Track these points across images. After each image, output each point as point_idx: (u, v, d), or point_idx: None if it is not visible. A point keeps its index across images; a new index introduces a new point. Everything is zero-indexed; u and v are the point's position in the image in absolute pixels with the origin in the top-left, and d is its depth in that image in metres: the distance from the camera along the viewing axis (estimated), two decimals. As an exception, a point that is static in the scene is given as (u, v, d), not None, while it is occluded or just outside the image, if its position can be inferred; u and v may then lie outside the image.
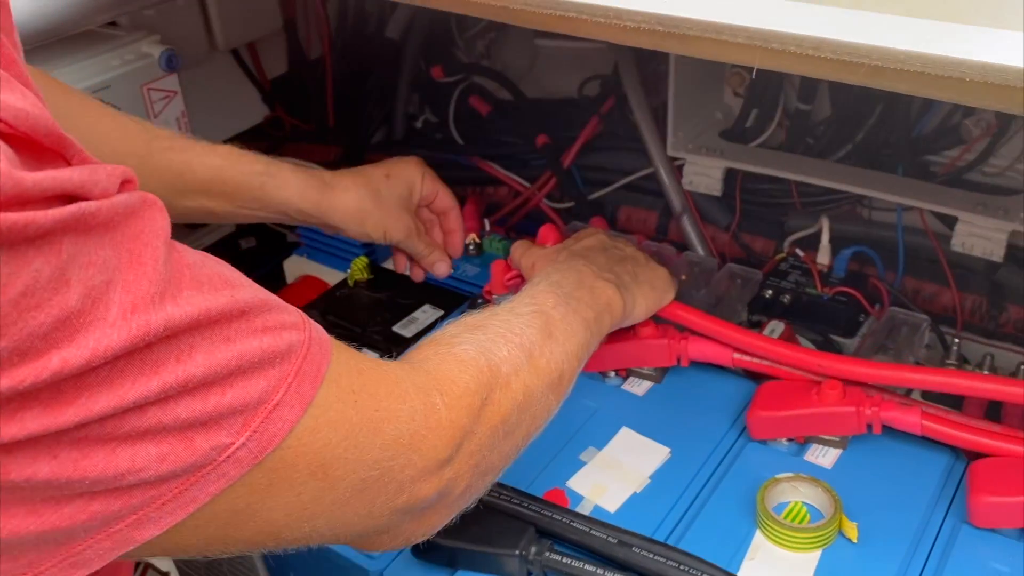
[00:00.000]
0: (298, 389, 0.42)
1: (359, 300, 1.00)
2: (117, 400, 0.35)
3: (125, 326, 0.35)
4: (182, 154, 0.79)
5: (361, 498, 0.47)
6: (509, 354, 0.58)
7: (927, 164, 1.00)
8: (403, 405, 0.49)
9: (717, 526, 0.69)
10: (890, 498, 0.69)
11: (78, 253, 0.34)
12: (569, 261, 0.74)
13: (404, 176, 0.90)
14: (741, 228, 1.08)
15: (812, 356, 0.75)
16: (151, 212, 0.38)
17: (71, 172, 0.34)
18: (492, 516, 0.68)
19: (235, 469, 0.40)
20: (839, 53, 0.43)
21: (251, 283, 0.43)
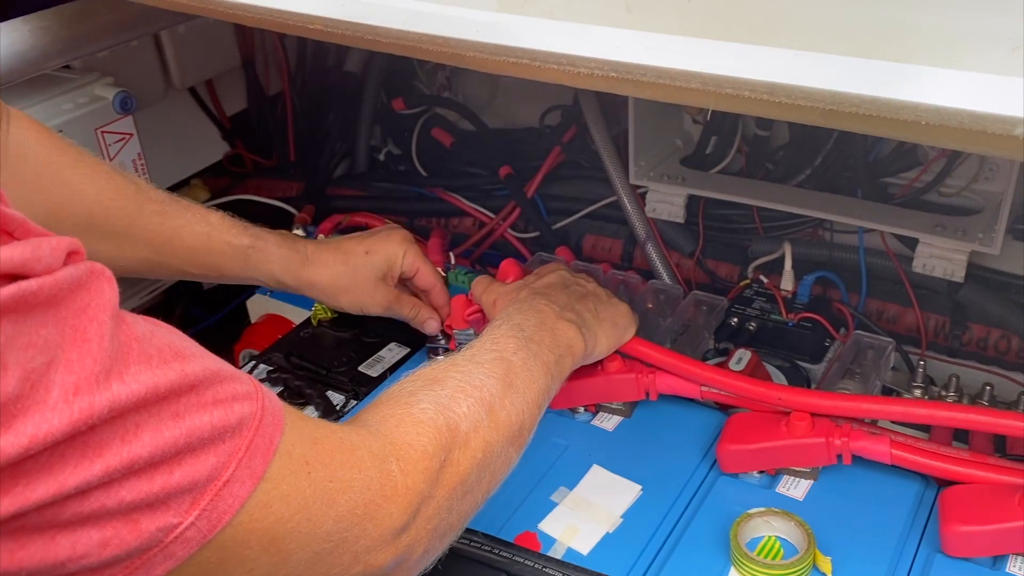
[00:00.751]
0: (249, 463, 0.41)
1: (323, 340, 0.99)
2: (57, 487, 0.34)
3: (67, 409, 0.34)
4: (172, 220, 0.81)
5: (314, 571, 0.46)
6: (469, 410, 0.57)
7: (885, 186, 1.01)
8: (358, 474, 0.48)
9: (691, 564, 0.68)
10: (863, 529, 0.69)
11: (16, 335, 0.33)
12: (530, 300, 0.74)
13: (384, 252, 0.90)
14: (705, 254, 1.08)
15: (772, 390, 0.75)
16: (98, 284, 0.37)
17: (11, 250, 0.33)
18: (462, 564, 0.67)
19: (183, 550, 0.39)
20: (792, 97, 0.43)
21: (203, 352, 0.42)
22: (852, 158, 1.00)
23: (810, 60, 0.44)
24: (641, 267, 1.12)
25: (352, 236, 0.92)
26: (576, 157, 1.16)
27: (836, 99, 0.42)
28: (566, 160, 1.17)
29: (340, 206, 1.25)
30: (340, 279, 0.88)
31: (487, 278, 0.85)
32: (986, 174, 0.97)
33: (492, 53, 0.51)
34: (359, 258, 0.88)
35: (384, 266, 0.90)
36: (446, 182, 1.23)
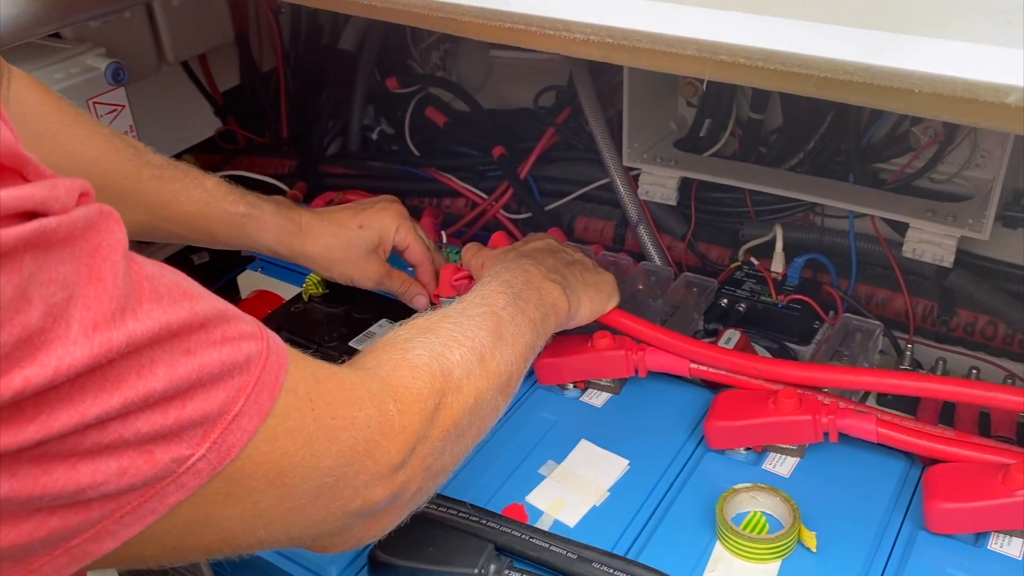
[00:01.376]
0: (257, 399, 0.42)
1: (314, 315, 0.99)
2: (79, 417, 0.35)
3: (87, 343, 0.35)
4: (170, 184, 0.81)
5: (317, 504, 0.47)
6: (461, 358, 0.58)
7: (877, 172, 1.02)
8: (359, 413, 0.49)
9: (677, 538, 0.68)
10: (848, 505, 0.69)
11: (39, 270, 0.34)
12: (518, 261, 0.75)
13: (378, 227, 0.90)
14: (696, 237, 1.09)
15: (750, 361, 0.76)
16: (108, 224, 0.38)
17: (32, 189, 0.34)
18: (450, 534, 0.67)
19: (194, 480, 0.40)
20: (788, 65, 0.43)
21: (208, 293, 0.42)
22: (845, 143, 1.00)
23: (805, 28, 0.44)
24: (633, 249, 1.12)
25: (347, 207, 0.92)
26: (570, 138, 1.16)
27: (831, 67, 0.42)
28: (560, 141, 1.17)
29: (332, 184, 1.25)
30: (333, 251, 0.88)
31: (477, 244, 0.86)
32: (977, 161, 0.97)
33: (488, 18, 0.51)
34: (352, 231, 0.89)
35: (376, 240, 0.90)
36: (439, 162, 1.23)
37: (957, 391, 0.69)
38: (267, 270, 1.13)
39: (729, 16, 0.46)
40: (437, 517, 0.68)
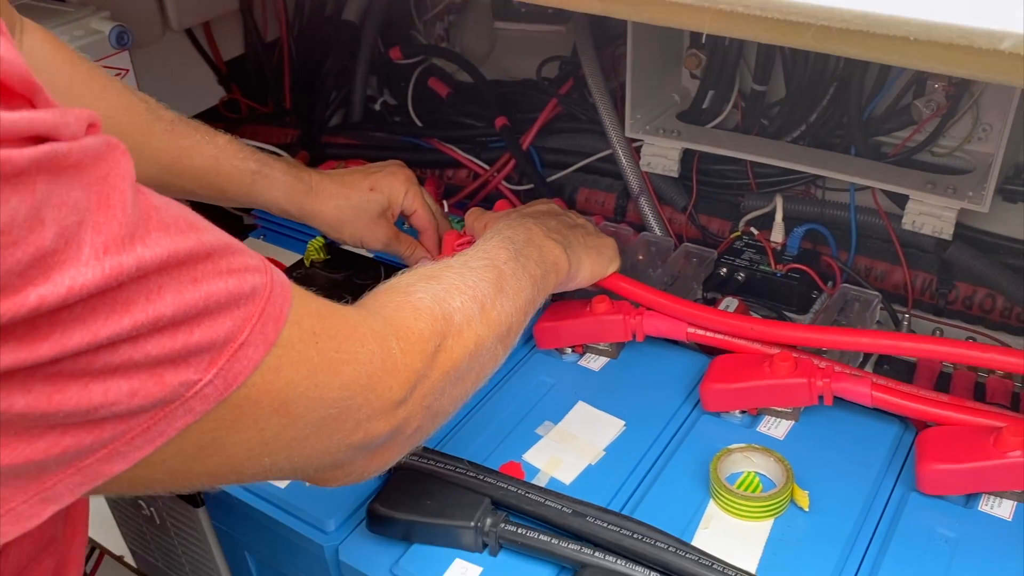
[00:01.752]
0: (262, 329, 0.43)
1: (316, 280, 1.00)
2: (90, 336, 0.36)
3: (98, 266, 0.35)
4: (181, 140, 0.81)
5: (320, 434, 0.48)
6: (462, 305, 0.59)
7: (879, 145, 1.02)
8: (362, 348, 0.50)
9: (671, 496, 0.69)
10: (841, 467, 0.70)
11: (51, 193, 0.34)
12: (520, 220, 0.76)
13: (387, 190, 0.91)
14: (698, 209, 1.09)
15: (745, 321, 0.77)
16: (115, 155, 0.38)
17: (43, 114, 0.34)
18: (448, 489, 0.68)
19: (202, 405, 0.41)
20: (785, 13, 0.44)
21: (213, 226, 0.43)
22: (847, 116, 1.00)
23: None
24: (634, 221, 1.12)
25: (357, 170, 0.93)
26: (572, 110, 1.16)
27: (828, 15, 0.43)
28: (562, 113, 1.17)
29: (335, 154, 1.25)
30: (344, 212, 0.89)
31: (479, 208, 0.86)
32: (979, 135, 0.97)
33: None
34: (363, 194, 0.90)
35: (386, 203, 0.91)
36: (441, 133, 1.23)
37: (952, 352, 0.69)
38: (269, 238, 1.13)
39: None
40: (436, 472, 0.69)
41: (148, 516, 0.91)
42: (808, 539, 0.65)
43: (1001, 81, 0.42)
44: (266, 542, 0.76)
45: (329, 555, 0.70)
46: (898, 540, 0.65)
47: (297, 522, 0.71)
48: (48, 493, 0.39)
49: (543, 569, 0.65)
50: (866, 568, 0.64)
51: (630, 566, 0.61)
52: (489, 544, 0.66)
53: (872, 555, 0.65)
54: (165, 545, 0.92)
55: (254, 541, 0.78)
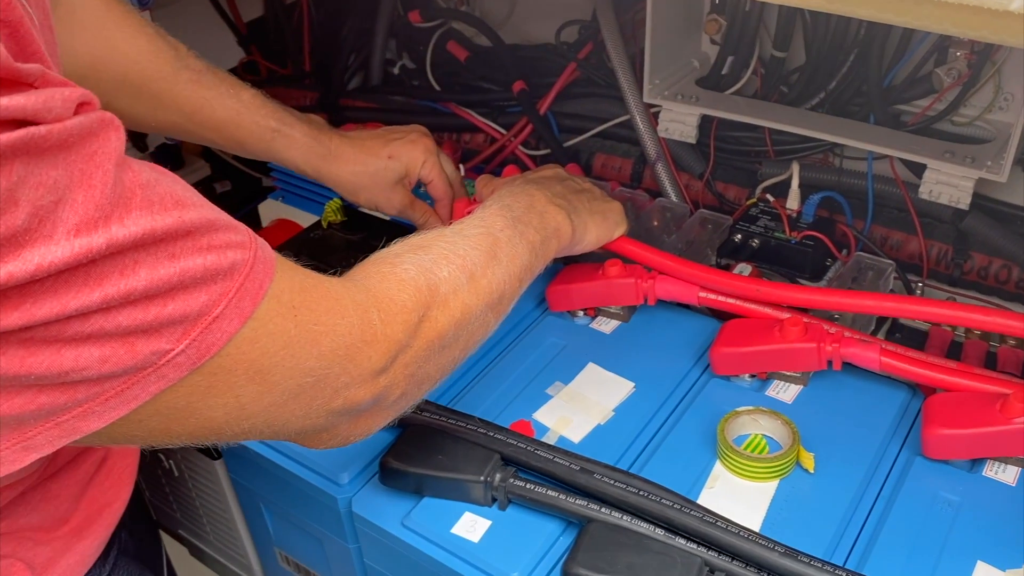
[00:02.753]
0: (238, 304, 0.45)
1: (332, 242, 1.01)
2: (60, 307, 0.38)
3: (68, 245, 0.37)
4: (206, 91, 0.83)
5: (298, 401, 0.50)
6: (449, 275, 0.60)
7: (898, 113, 1.01)
8: (341, 320, 0.51)
9: (678, 457, 0.70)
10: (848, 432, 0.71)
11: (27, 175, 0.36)
12: (523, 186, 0.77)
13: (406, 159, 0.92)
14: (715, 176, 1.09)
15: (751, 283, 0.78)
16: (106, 132, 0.40)
17: (25, 99, 0.36)
18: (459, 445, 0.69)
19: (174, 372, 0.43)
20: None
21: (203, 202, 0.45)
22: (867, 84, 1.00)
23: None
24: (650, 187, 1.12)
25: (377, 135, 0.93)
26: (591, 74, 1.15)
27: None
28: (580, 77, 1.16)
29: (353, 117, 1.25)
30: (360, 178, 0.90)
31: (489, 175, 0.87)
32: (1000, 104, 0.96)
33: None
34: (381, 161, 0.91)
35: (403, 172, 0.92)
36: (459, 97, 1.23)
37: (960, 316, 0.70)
38: (288, 199, 1.15)
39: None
40: (447, 428, 0.70)
41: (167, 469, 0.94)
42: (812, 500, 0.66)
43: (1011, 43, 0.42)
44: (281, 494, 0.77)
45: (343, 507, 0.71)
46: (901, 503, 0.65)
47: (312, 475, 0.73)
48: (29, 443, 0.42)
49: (550, 523, 0.66)
50: (868, 529, 0.65)
51: (635, 522, 0.63)
52: (498, 498, 0.68)
53: (875, 517, 0.65)
54: (183, 497, 0.94)
55: (270, 493, 0.80)
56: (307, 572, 0.85)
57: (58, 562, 0.64)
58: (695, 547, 0.61)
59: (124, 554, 0.74)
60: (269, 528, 0.84)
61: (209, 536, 0.97)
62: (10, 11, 0.39)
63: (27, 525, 0.63)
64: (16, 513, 0.63)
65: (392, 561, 0.70)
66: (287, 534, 0.83)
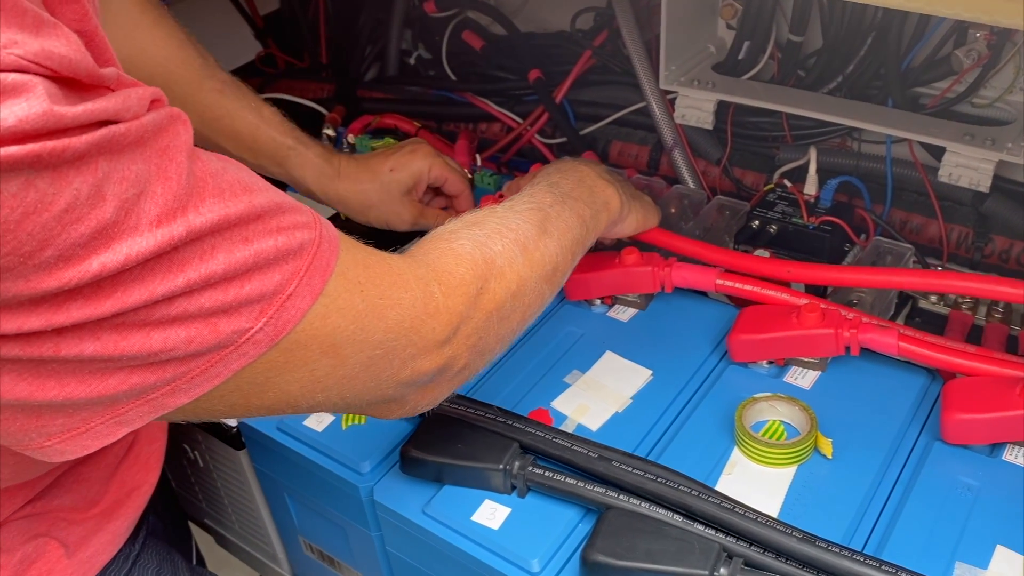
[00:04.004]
0: (309, 281, 0.47)
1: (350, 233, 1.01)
2: (148, 294, 0.41)
3: (152, 235, 0.40)
4: (229, 101, 0.86)
5: (368, 373, 0.52)
6: (504, 248, 0.62)
7: (917, 96, 1.00)
8: (405, 294, 0.54)
9: (696, 443, 0.71)
10: (866, 417, 0.71)
11: (112, 171, 0.39)
12: (571, 162, 0.78)
13: (409, 169, 0.94)
14: (732, 162, 1.08)
15: (781, 265, 0.79)
16: (175, 127, 0.43)
17: (106, 102, 0.39)
18: (478, 433, 0.70)
19: (254, 349, 0.45)
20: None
21: (268, 186, 0.47)
22: (885, 67, 0.99)
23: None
24: (667, 174, 1.12)
25: (378, 153, 0.95)
26: (607, 61, 1.15)
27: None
28: (596, 65, 1.16)
29: (370, 108, 1.26)
30: (368, 195, 0.92)
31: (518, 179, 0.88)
32: (1021, 84, 0.95)
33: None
34: (385, 175, 0.92)
35: (410, 181, 0.94)
36: (475, 86, 1.24)
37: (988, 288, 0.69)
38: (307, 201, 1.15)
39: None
40: (466, 417, 0.71)
41: (192, 459, 0.95)
42: (830, 486, 0.66)
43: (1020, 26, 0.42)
44: (304, 483, 0.79)
45: (364, 496, 0.72)
46: (920, 488, 0.65)
47: (334, 464, 0.74)
48: (122, 418, 0.45)
49: (569, 510, 0.67)
50: (887, 515, 0.65)
51: (653, 508, 0.63)
52: (517, 486, 0.68)
53: (894, 502, 0.65)
54: (208, 486, 0.96)
55: (293, 482, 0.81)
56: (331, 559, 0.86)
57: (90, 541, 0.67)
58: (713, 533, 0.61)
59: (153, 535, 0.77)
60: (293, 516, 0.85)
61: (234, 525, 0.98)
62: (87, 22, 0.43)
63: (60, 506, 0.66)
64: (50, 495, 0.66)
65: (414, 548, 0.71)
66: (311, 522, 0.84)
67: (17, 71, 0.36)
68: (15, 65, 0.36)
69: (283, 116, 0.90)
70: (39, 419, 0.43)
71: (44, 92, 0.36)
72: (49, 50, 0.37)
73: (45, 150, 0.36)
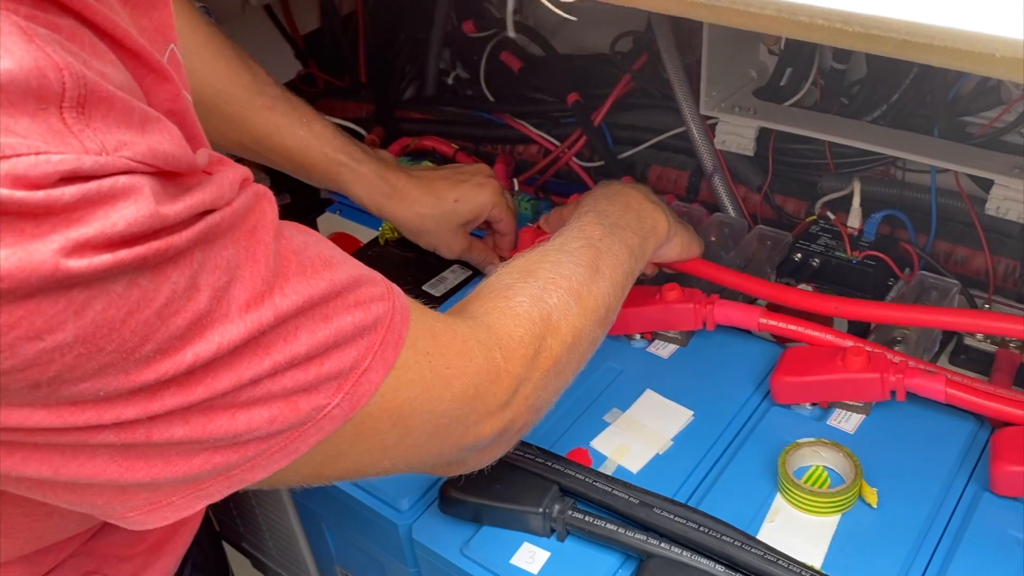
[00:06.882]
0: (383, 355, 0.48)
1: (390, 259, 1.02)
2: (236, 379, 0.42)
3: (242, 322, 0.41)
4: (279, 117, 0.86)
5: (433, 441, 0.54)
6: (559, 301, 0.63)
7: (963, 125, 0.99)
8: (470, 363, 0.55)
9: (738, 489, 0.70)
10: (912, 464, 0.70)
11: (207, 259, 0.40)
12: (618, 186, 0.78)
13: (474, 204, 0.92)
14: (773, 189, 1.07)
15: (829, 300, 0.78)
16: (262, 205, 0.44)
17: (202, 194, 0.40)
18: (517, 474, 0.69)
19: (330, 424, 0.46)
20: (867, 27, 0.43)
21: (345, 257, 0.48)
22: (930, 95, 0.97)
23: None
24: (707, 200, 1.11)
25: (444, 175, 0.93)
26: (646, 85, 1.14)
27: (912, 30, 0.42)
28: (635, 88, 1.15)
29: (408, 129, 1.26)
30: (424, 221, 0.91)
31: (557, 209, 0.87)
32: (1072, 115, 0.93)
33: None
34: (447, 205, 0.91)
35: (470, 216, 0.93)
36: (513, 108, 1.23)
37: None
38: (345, 213, 1.16)
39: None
40: (506, 458, 0.70)
41: (232, 483, 0.96)
42: (876, 536, 0.65)
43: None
44: (343, 517, 0.79)
45: (403, 533, 0.73)
46: (968, 540, 0.64)
47: (373, 500, 0.74)
48: (202, 492, 0.46)
49: (609, 556, 0.66)
50: (934, 568, 0.64)
51: (695, 558, 0.63)
52: (556, 530, 0.68)
53: (941, 554, 0.64)
54: (247, 513, 0.97)
55: (332, 516, 0.81)
56: (368, 589, 0.87)
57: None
58: (756, 584, 0.61)
59: (197, 570, 0.77)
60: (331, 547, 0.86)
61: (271, 551, 0.99)
62: (178, 100, 0.44)
63: (110, 543, 0.67)
64: (101, 533, 0.67)
65: (452, 586, 0.71)
66: (348, 554, 0.84)
67: (127, 172, 0.36)
68: (125, 167, 0.36)
69: (336, 130, 0.89)
70: (124, 495, 0.44)
71: (150, 192, 0.37)
72: (155, 148, 0.38)
73: (151, 251, 0.37)
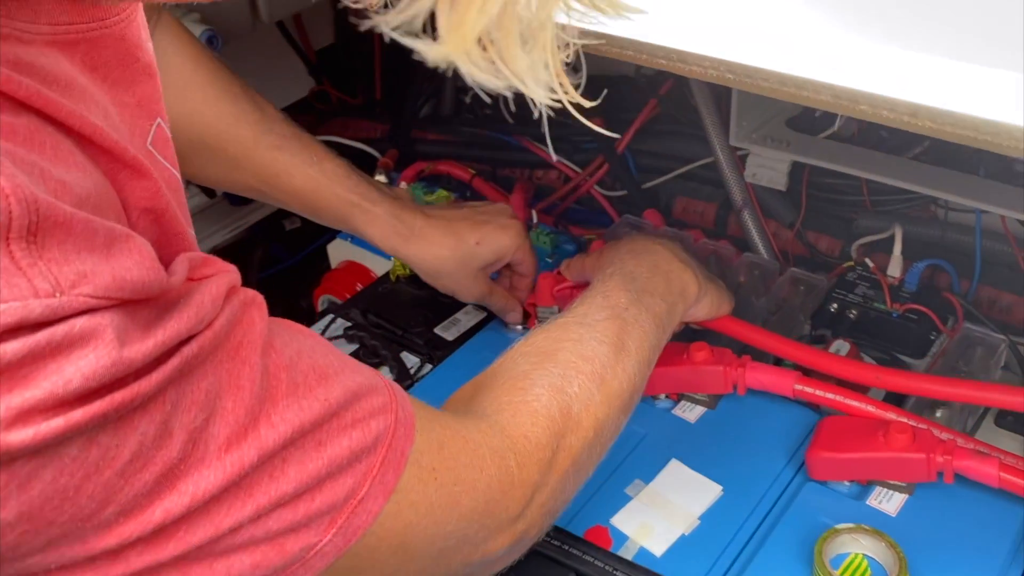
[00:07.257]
0: (382, 479, 0.44)
1: (401, 297, 0.97)
2: (213, 530, 0.37)
3: (221, 466, 0.37)
4: (289, 157, 0.81)
5: (439, 563, 0.49)
6: (580, 389, 0.58)
7: (1011, 164, 0.93)
8: (480, 475, 0.50)
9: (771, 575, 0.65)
10: (961, 555, 0.65)
11: (181, 398, 0.36)
12: (644, 242, 0.74)
13: (497, 247, 0.86)
14: (806, 226, 1.02)
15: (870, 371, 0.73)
16: (249, 316, 0.39)
17: (177, 324, 0.35)
18: (531, 559, 0.65)
19: (321, 562, 0.42)
20: (939, 123, 0.38)
21: (343, 365, 0.44)
22: (977, 131, 0.92)
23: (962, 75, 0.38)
24: (735, 235, 1.06)
25: (465, 215, 0.87)
26: (672, 112, 1.09)
27: (992, 129, 0.37)
28: (661, 114, 1.10)
29: (424, 151, 1.22)
30: (444, 264, 0.85)
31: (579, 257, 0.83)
32: None
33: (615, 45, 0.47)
34: (469, 247, 0.85)
35: (492, 259, 0.87)
36: (533, 130, 1.18)
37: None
38: (357, 241, 1.11)
39: (868, 53, 0.40)
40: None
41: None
42: (920, 635, 0.60)
43: None
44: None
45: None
46: (1023, 645, 0.59)
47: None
48: None
49: (631, 652, 0.62)
50: (984, 675, 0.59)
51: (724, 660, 0.58)
52: (574, 620, 0.64)
53: (991, 659, 0.59)
54: None
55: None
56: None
57: None
58: None
59: None
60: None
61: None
62: (158, 198, 0.39)
63: None
64: None
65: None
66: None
67: (86, 312, 0.32)
68: (83, 306, 0.32)
69: (349, 169, 0.84)
70: None
71: (113, 334, 0.32)
72: (121, 277, 0.33)
73: (113, 404, 0.33)
